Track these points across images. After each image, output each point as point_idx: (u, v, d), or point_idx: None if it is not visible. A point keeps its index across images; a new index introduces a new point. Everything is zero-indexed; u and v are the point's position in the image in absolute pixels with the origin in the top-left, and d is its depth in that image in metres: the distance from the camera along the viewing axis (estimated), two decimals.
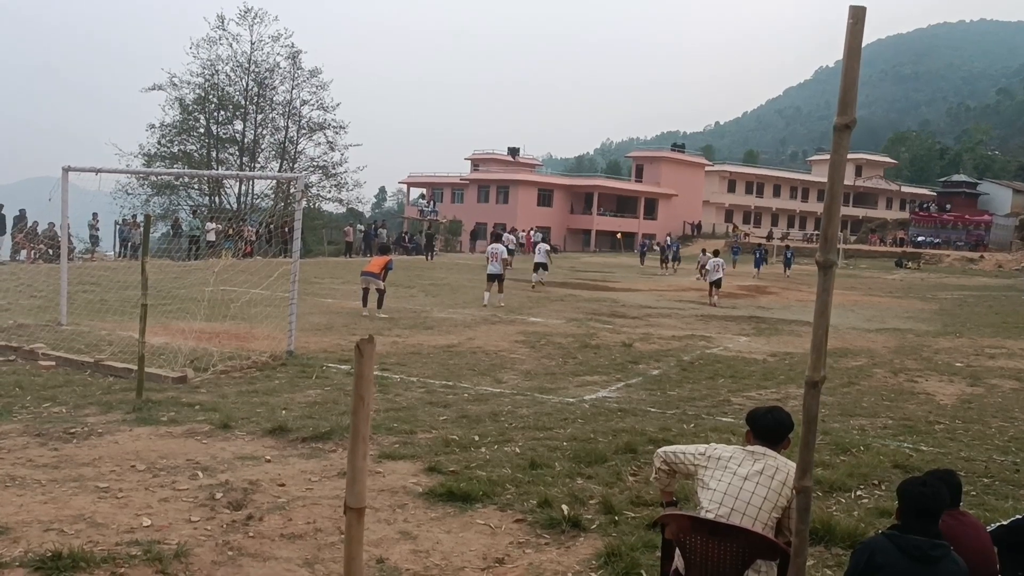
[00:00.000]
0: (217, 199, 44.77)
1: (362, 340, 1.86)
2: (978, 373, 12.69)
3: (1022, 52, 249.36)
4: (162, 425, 7.44)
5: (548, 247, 29.81)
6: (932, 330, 19.09)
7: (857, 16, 3.28)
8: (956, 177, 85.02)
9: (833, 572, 4.71)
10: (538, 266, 27.36)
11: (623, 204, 75.34)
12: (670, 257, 42.17)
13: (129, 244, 31.57)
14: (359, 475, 1.90)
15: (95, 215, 30.81)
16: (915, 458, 7.33)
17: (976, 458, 7.55)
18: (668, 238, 52.22)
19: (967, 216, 71.39)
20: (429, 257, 41.95)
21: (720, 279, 24.65)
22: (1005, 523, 4.50)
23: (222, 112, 45.28)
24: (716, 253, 27.09)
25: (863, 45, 3.38)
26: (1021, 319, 22.62)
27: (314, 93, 46.12)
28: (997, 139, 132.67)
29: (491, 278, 20.36)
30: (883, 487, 6.42)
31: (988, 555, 4.02)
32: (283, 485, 5.95)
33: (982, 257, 56.69)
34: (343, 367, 10.77)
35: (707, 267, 26.22)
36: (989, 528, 4.38)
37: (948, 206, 75.93)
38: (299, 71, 45.86)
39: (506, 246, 24.34)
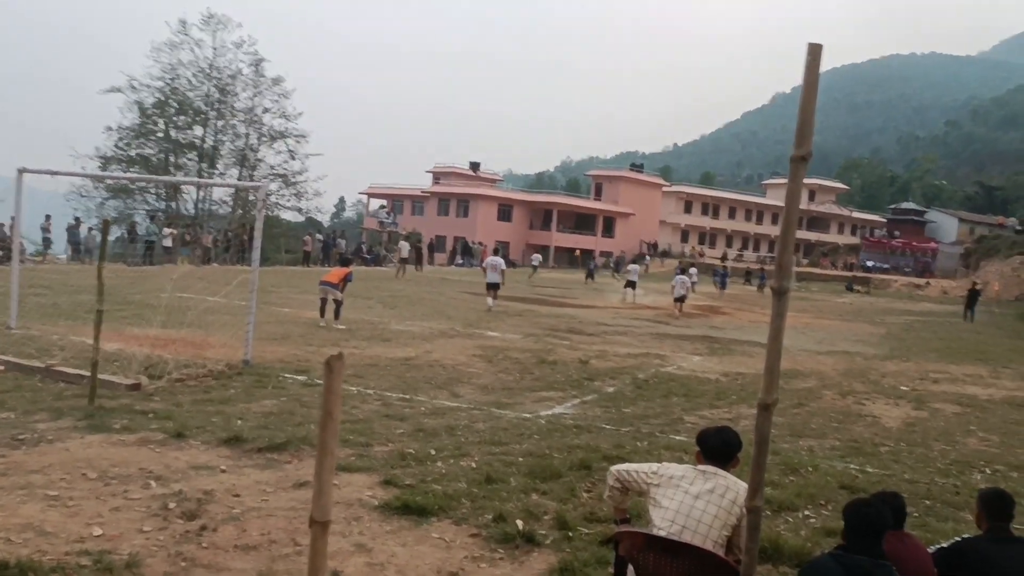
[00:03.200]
0: (175, 204, 44.19)
1: (332, 356, 1.92)
2: (923, 397, 13.03)
3: (970, 85, 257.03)
4: (115, 433, 7.34)
5: (503, 264, 25.19)
6: (880, 354, 19.54)
7: (814, 53, 3.42)
8: (905, 205, 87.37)
9: None
10: (491, 287, 23.73)
11: (582, 221, 75.88)
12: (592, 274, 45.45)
13: (81, 247, 31.01)
14: (325, 488, 1.94)
15: (48, 217, 30.22)
16: (861, 479, 7.52)
17: (919, 480, 7.77)
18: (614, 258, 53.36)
19: (915, 243, 73.23)
20: (419, 268, 42.37)
21: (684, 295, 26.99)
22: (945, 545, 4.65)
23: (182, 117, 44.77)
24: (683, 271, 28.75)
25: (820, 73, 3.52)
26: (964, 345, 23.25)
27: (276, 101, 45.89)
28: (944, 169, 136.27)
29: (490, 286, 23.53)
30: (830, 507, 6.57)
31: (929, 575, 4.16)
32: (238, 496, 5.92)
33: (928, 283, 58.16)
34: (299, 378, 10.72)
35: (673, 282, 28.10)
36: (930, 550, 4.53)
37: (897, 233, 77.90)
38: (262, 79, 45.61)
39: (504, 259, 27.69)
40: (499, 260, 24.51)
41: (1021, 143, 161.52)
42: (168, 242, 29.83)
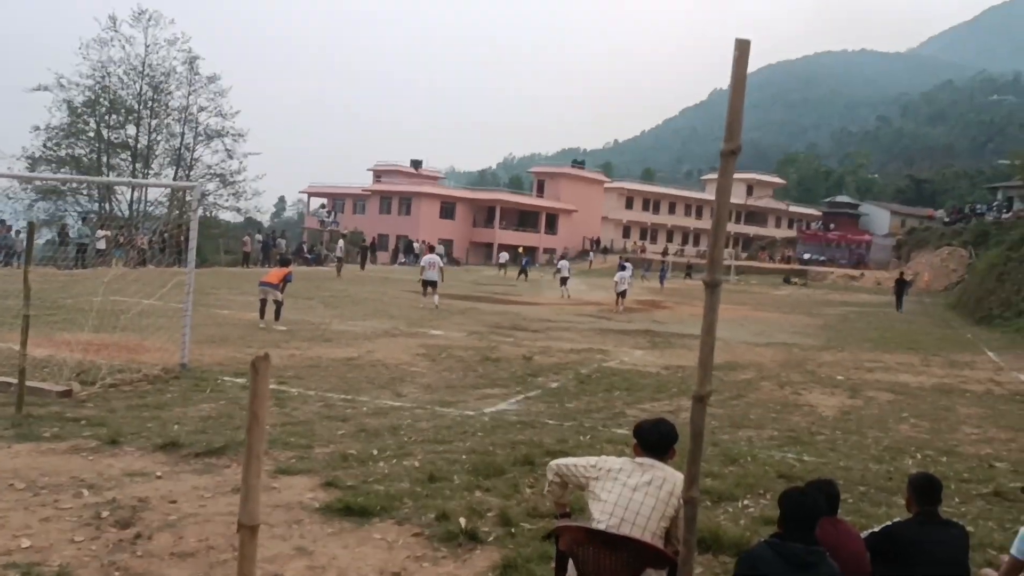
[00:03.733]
0: (108, 205, 43.01)
1: (257, 357, 1.88)
2: (857, 386, 13.36)
3: (899, 82, 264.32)
4: (44, 441, 7.12)
5: (440, 262, 25.60)
6: (816, 344, 19.99)
7: (742, 49, 3.45)
8: (840, 198, 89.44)
9: None
10: (427, 285, 23.85)
11: (525, 218, 76.08)
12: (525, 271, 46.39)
13: (4, 250, 29.98)
14: (252, 492, 1.91)
15: None
16: (798, 468, 7.68)
17: (853, 467, 7.97)
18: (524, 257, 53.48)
19: (849, 235, 75.04)
20: (363, 266, 42.20)
21: (625, 290, 27.69)
22: (877, 529, 4.77)
23: (114, 116, 43.59)
24: (622, 267, 29.47)
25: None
26: (897, 334, 23.91)
27: (212, 100, 44.96)
28: (877, 163, 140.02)
29: (426, 284, 23.77)
30: (768, 496, 6.69)
31: (861, 560, 4.27)
32: (174, 502, 5.79)
33: (863, 275, 59.67)
34: (238, 380, 10.53)
35: (615, 278, 28.48)
36: (863, 534, 4.65)
37: (832, 225, 79.72)
38: (196, 76, 44.65)
39: (440, 256, 28.16)
40: (436, 258, 24.98)
41: (948, 137, 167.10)
42: (102, 244, 29.00)
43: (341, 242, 40.73)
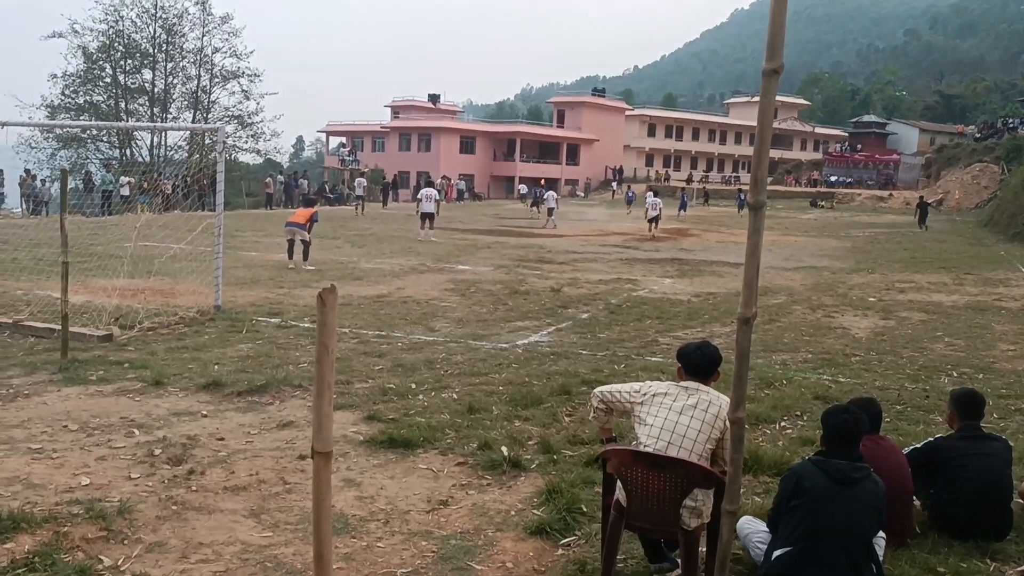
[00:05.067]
0: (128, 152, 43.19)
1: (324, 289, 1.91)
2: (889, 307, 13.30)
3: None
4: (91, 384, 7.29)
5: (437, 195, 26.84)
6: (846, 267, 19.86)
7: None
8: (866, 118, 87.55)
9: (761, 499, 4.95)
10: (425, 217, 24.50)
11: (545, 150, 75.36)
12: (538, 203, 39.32)
13: (32, 200, 30.28)
14: (325, 420, 1.95)
15: None
16: (834, 389, 7.71)
17: (890, 387, 7.98)
18: (536, 188, 50.15)
19: (877, 156, 73.66)
20: (384, 204, 42.82)
21: (657, 216, 28.43)
22: (919, 446, 4.82)
23: (129, 61, 43.49)
24: (654, 193, 29.80)
25: None
26: (927, 254, 23.69)
27: (226, 40, 44.71)
28: (904, 79, 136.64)
29: (424, 216, 24.40)
30: (805, 417, 6.75)
31: (904, 475, 4.32)
32: (222, 439, 5.94)
33: (891, 195, 58.82)
34: (272, 320, 10.68)
35: (646, 205, 29.43)
36: (905, 451, 4.69)
37: (859, 146, 78.28)
38: (209, 17, 44.29)
39: (437, 190, 28.81)
40: (432, 191, 25.92)
41: (979, 50, 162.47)
42: (126, 190, 29.17)
43: (362, 180, 40.73)
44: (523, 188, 55.67)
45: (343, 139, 78.25)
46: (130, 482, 5.08)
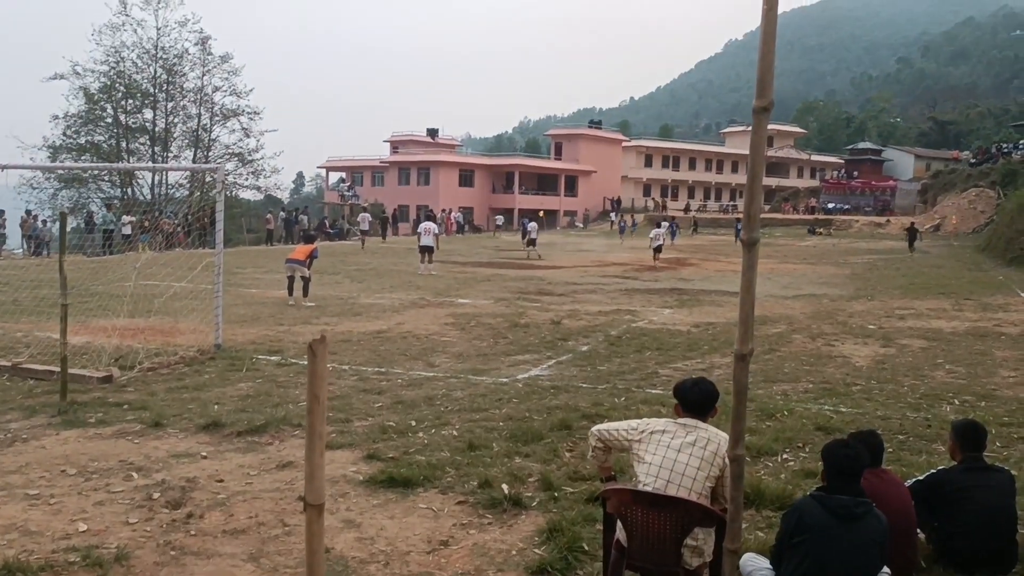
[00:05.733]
0: (130, 191, 43.35)
1: (314, 340, 1.91)
2: (889, 334, 13.28)
3: (919, 21, 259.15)
4: (90, 427, 7.27)
5: (436, 229, 26.87)
6: (845, 294, 19.86)
7: (771, 3, 3.41)
8: (862, 144, 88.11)
9: (764, 534, 4.91)
10: (425, 251, 24.63)
11: (544, 182, 75.79)
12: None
13: (34, 241, 30.36)
14: (317, 471, 1.95)
15: (1, 212, 29.54)
16: (835, 419, 7.67)
17: (891, 416, 7.95)
18: (525, 220, 49.51)
19: (873, 182, 73.97)
20: (384, 238, 43.08)
21: (660, 246, 30.15)
22: (921, 478, 4.79)
23: (130, 101, 43.74)
24: (659, 224, 31.83)
25: None
26: (927, 280, 23.69)
27: (226, 79, 44.96)
28: (898, 106, 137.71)
29: (423, 250, 24.54)
30: (807, 449, 6.71)
31: (907, 509, 4.29)
32: (221, 481, 5.90)
33: (888, 221, 58.92)
34: (272, 358, 10.66)
35: (651, 236, 31.47)
36: (908, 483, 4.66)
37: (856, 173, 78.67)
38: (209, 57, 44.64)
39: (436, 223, 29.01)
40: (432, 225, 26.08)
41: (971, 76, 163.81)
42: (127, 229, 29.29)
43: (366, 215, 40.84)
44: (499, 219, 56.81)
45: (343, 174, 78.68)
46: (128, 527, 5.04)
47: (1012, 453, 6.76)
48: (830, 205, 70.13)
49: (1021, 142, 66.24)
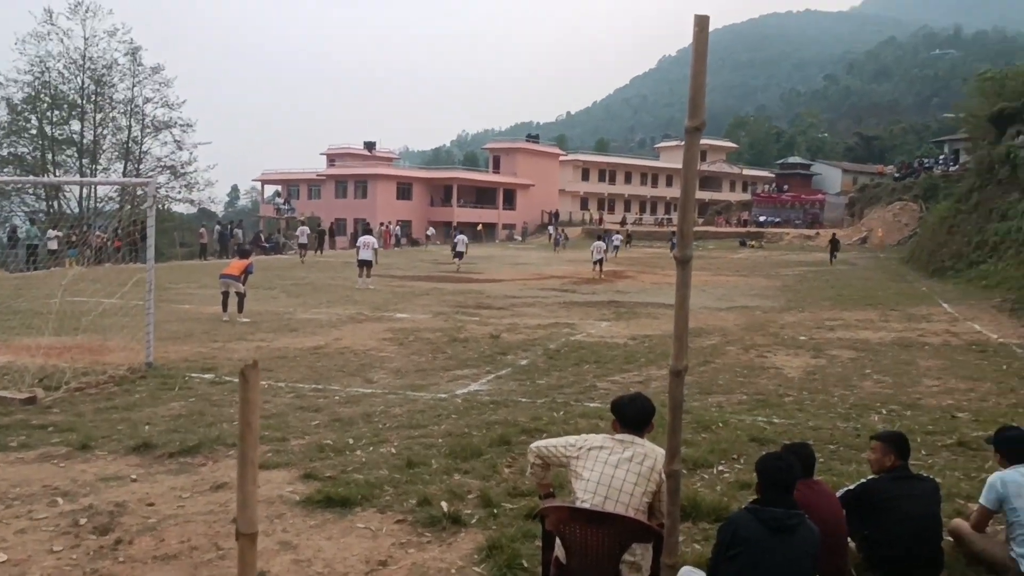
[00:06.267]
0: (56, 204, 42.09)
1: (246, 366, 1.87)
2: (820, 345, 13.62)
3: (845, 41, 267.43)
4: (12, 451, 6.99)
5: (375, 243, 26.58)
6: (777, 306, 20.30)
7: (702, 24, 3.48)
8: (792, 159, 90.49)
9: (701, 547, 4.97)
10: (363, 265, 24.37)
11: (482, 195, 75.89)
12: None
13: None
14: (249, 500, 1.91)
15: None
16: (769, 431, 7.82)
17: (822, 426, 8.13)
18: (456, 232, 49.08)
19: (803, 196, 75.90)
20: (320, 251, 42.82)
21: (602, 259, 30.82)
22: (851, 487, 4.91)
23: (56, 112, 42.60)
24: (599, 238, 34.04)
25: None
26: (854, 292, 24.36)
27: (157, 90, 44.13)
28: (826, 122, 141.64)
29: (361, 264, 24.31)
30: (742, 461, 6.81)
31: (838, 519, 4.40)
32: (152, 504, 5.74)
33: (818, 234, 60.46)
34: (206, 376, 10.43)
35: (591, 248, 32.14)
36: (838, 493, 4.77)
37: (786, 186, 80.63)
38: (139, 67, 43.74)
39: (375, 237, 29.50)
40: (371, 239, 25.99)
41: (894, 94, 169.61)
42: (54, 244, 28.41)
43: (305, 228, 40.36)
44: (430, 231, 57.37)
45: (279, 187, 77.64)
46: (52, 555, 4.86)
47: (936, 461, 6.97)
48: (762, 218, 71.75)
49: (941, 157, 68.75)
